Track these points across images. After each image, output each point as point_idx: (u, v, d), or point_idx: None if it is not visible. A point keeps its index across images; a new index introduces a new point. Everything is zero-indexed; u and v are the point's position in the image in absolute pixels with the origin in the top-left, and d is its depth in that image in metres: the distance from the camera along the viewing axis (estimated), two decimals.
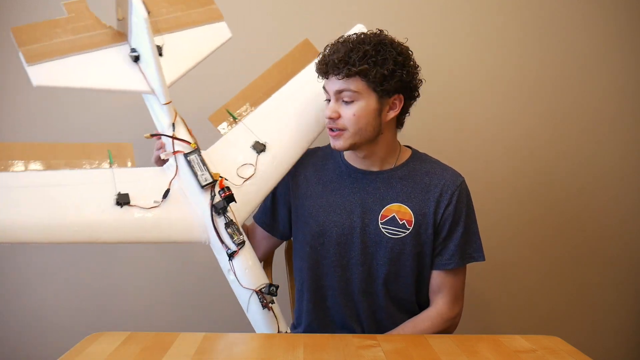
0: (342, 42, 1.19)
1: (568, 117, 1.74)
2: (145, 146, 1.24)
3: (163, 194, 1.16)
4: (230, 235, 1.16)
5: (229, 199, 1.16)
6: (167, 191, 1.16)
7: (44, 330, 1.70)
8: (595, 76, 1.74)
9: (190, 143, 1.19)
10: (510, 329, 1.76)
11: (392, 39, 1.19)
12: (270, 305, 1.16)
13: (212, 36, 1.30)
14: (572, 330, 1.79)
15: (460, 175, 1.26)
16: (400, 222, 1.22)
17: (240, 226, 1.17)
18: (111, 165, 1.17)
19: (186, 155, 1.17)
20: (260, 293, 1.15)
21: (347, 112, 1.17)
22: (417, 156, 1.29)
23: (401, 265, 1.23)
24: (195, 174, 1.16)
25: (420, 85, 1.23)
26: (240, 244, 1.16)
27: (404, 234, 1.22)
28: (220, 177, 1.18)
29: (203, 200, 1.16)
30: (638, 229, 1.79)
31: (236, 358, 0.96)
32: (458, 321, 1.27)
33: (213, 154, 1.23)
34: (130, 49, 1.21)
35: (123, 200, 1.13)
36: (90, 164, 1.17)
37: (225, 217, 1.16)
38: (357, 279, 1.24)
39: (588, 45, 1.72)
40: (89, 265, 1.70)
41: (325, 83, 1.21)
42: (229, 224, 1.16)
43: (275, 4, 1.67)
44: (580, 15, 1.71)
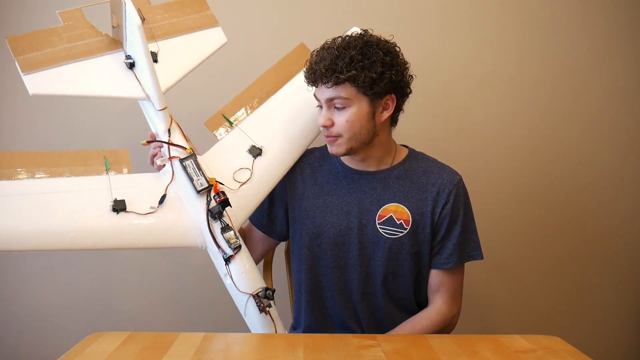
0: (327, 48, 1.17)
1: (568, 117, 1.74)
2: (142, 151, 1.24)
3: (159, 199, 1.16)
4: (227, 240, 1.15)
5: (224, 203, 1.15)
6: (164, 197, 1.16)
7: (44, 330, 1.71)
8: (595, 76, 1.74)
9: (186, 148, 1.19)
10: (510, 329, 1.76)
11: (377, 39, 1.18)
12: (268, 309, 1.16)
13: (207, 41, 1.31)
14: (572, 330, 1.79)
15: (458, 173, 1.26)
16: (398, 222, 1.22)
17: (236, 230, 1.18)
18: (107, 171, 1.18)
19: (182, 160, 1.17)
20: (257, 297, 1.15)
21: (340, 119, 1.16)
22: (414, 155, 1.29)
23: (399, 265, 1.23)
24: (191, 179, 1.16)
25: (412, 82, 1.22)
26: (237, 248, 1.16)
27: (401, 234, 1.22)
28: (217, 181, 1.18)
29: (199, 205, 1.16)
30: (638, 229, 1.79)
31: (236, 358, 0.96)
32: (457, 320, 1.27)
33: (209, 158, 1.23)
34: (126, 56, 1.22)
35: (119, 206, 1.13)
36: (86, 170, 1.17)
37: (221, 221, 1.16)
38: (355, 280, 1.24)
39: (588, 45, 1.73)
40: (89, 266, 1.70)
41: (315, 91, 1.20)
42: (225, 228, 1.16)
43: (271, 7, 1.67)
44: (580, 15, 1.71)
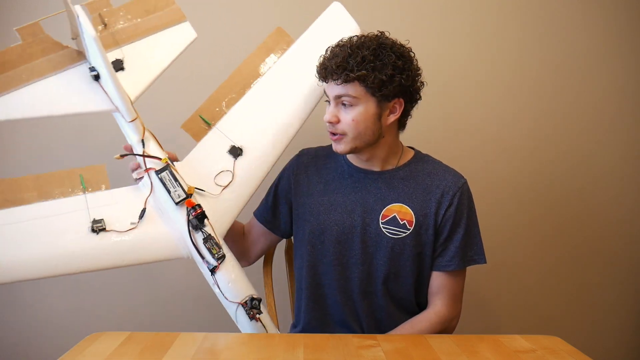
0: (341, 46, 1.18)
1: (568, 117, 1.74)
2: (122, 162, 1.19)
3: (139, 214, 1.14)
4: (209, 250, 1.14)
5: (201, 216, 1.13)
6: (144, 210, 1.14)
7: (44, 330, 1.70)
8: (595, 76, 1.74)
9: (161, 159, 1.16)
10: (510, 329, 1.76)
11: (392, 42, 1.18)
12: (258, 316, 1.16)
13: (176, 39, 1.24)
14: (572, 330, 1.79)
15: (463, 177, 1.26)
16: (401, 222, 1.22)
17: (219, 239, 1.15)
18: (84, 190, 1.14)
19: (157, 172, 1.15)
20: (245, 305, 1.16)
21: (346, 117, 1.17)
22: (420, 157, 1.29)
23: (401, 266, 1.23)
24: (168, 191, 1.14)
25: (422, 88, 1.23)
26: (221, 258, 1.15)
27: (404, 234, 1.22)
28: (196, 189, 1.16)
29: (180, 217, 1.14)
30: (638, 229, 1.79)
31: (236, 358, 0.96)
32: (456, 324, 1.26)
33: (188, 164, 1.21)
34: (89, 68, 1.16)
35: (98, 226, 1.11)
36: (63, 192, 1.13)
37: (202, 232, 1.14)
38: (357, 278, 1.24)
39: (588, 45, 1.73)
40: None
41: (325, 87, 1.21)
42: (207, 238, 1.14)
43: None
44: (580, 15, 1.71)
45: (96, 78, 1.15)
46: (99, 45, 1.11)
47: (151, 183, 1.15)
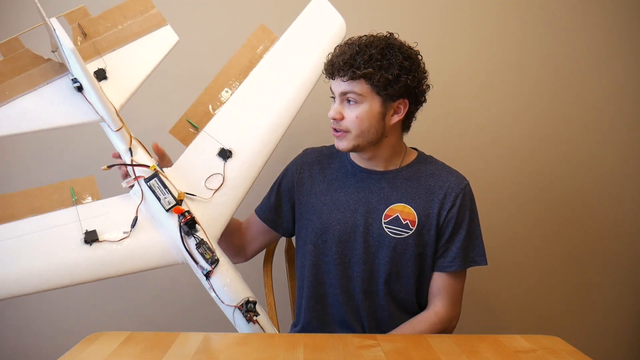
0: (349, 44, 1.19)
1: (568, 118, 1.74)
2: (111, 171, 1.18)
3: (131, 223, 1.13)
4: (202, 255, 1.14)
5: (191, 222, 1.13)
6: (135, 219, 1.14)
7: (44, 330, 1.70)
8: (595, 76, 1.74)
9: (149, 166, 1.16)
10: (510, 329, 1.76)
11: (401, 43, 1.19)
12: (255, 318, 1.16)
13: (158, 44, 1.23)
14: (572, 330, 1.79)
15: (465, 178, 1.26)
16: (404, 222, 1.22)
17: (212, 244, 1.15)
18: (75, 202, 1.13)
19: (146, 180, 1.15)
20: (242, 308, 1.16)
21: (350, 114, 1.18)
22: (423, 158, 1.30)
23: (403, 266, 1.23)
24: (158, 198, 1.14)
25: (428, 91, 1.23)
26: (214, 263, 1.15)
27: (406, 234, 1.22)
28: (187, 194, 1.16)
29: (171, 223, 1.14)
30: (638, 229, 1.79)
31: (236, 358, 0.96)
32: (455, 324, 1.27)
33: (178, 169, 1.20)
34: (72, 79, 1.14)
35: (91, 238, 1.11)
36: (53, 206, 1.12)
37: (195, 237, 1.14)
38: (359, 278, 1.24)
39: (588, 45, 1.72)
40: None
41: (331, 83, 1.21)
42: (200, 243, 1.14)
43: None
44: (580, 15, 1.71)
45: (79, 89, 1.14)
46: (77, 56, 1.10)
47: (142, 191, 1.15)
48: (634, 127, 1.76)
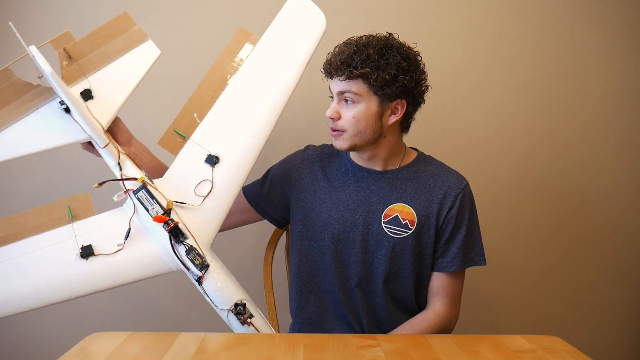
0: (348, 43, 1.20)
1: (565, 116, 1.74)
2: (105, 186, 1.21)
3: (125, 234, 1.17)
4: (192, 261, 1.16)
5: (175, 229, 1.16)
6: (129, 231, 1.17)
7: (44, 330, 1.70)
8: (593, 75, 1.74)
9: (137, 178, 1.19)
10: (510, 329, 1.76)
11: (400, 44, 1.19)
12: (250, 320, 1.17)
13: (140, 59, 1.26)
14: (572, 330, 1.79)
15: (465, 179, 1.26)
16: (403, 222, 1.22)
17: (202, 249, 1.17)
18: (71, 219, 1.17)
19: (134, 192, 1.18)
20: (233, 311, 1.17)
21: (347, 114, 1.18)
22: (422, 158, 1.30)
23: (401, 265, 1.23)
24: (146, 209, 1.17)
25: (427, 92, 1.23)
26: (205, 268, 1.17)
27: (406, 234, 1.22)
28: (176, 202, 1.18)
29: (162, 232, 1.17)
30: (637, 227, 1.79)
31: (236, 358, 0.96)
32: (454, 324, 1.27)
33: (168, 179, 1.22)
34: (59, 102, 1.19)
35: (87, 252, 1.14)
36: (51, 225, 1.17)
37: (184, 244, 1.16)
38: (357, 277, 1.24)
39: (586, 45, 1.73)
40: None
41: (330, 83, 1.22)
42: (189, 250, 1.17)
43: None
44: (580, 14, 1.71)
45: (67, 111, 1.19)
46: (57, 79, 1.14)
47: (134, 203, 1.18)
48: (632, 126, 1.76)
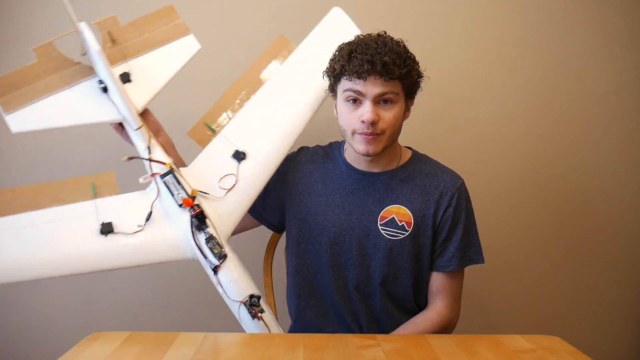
0: (375, 42, 1.14)
1: (566, 116, 1.74)
2: (130, 167, 1.24)
3: (146, 217, 1.18)
4: (211, 250, 1.17)
5: (199, 216, 1.18)
6: (150, 214, 1.19)
7: (44, 330, 1.70)
8: (594, 74, 1.73)
9: (166, 163, 1.21)
10: (510, 329, 1.76)
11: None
12: (260, 315, 1.18)
13: (180, 51, 1.30)
14: (572, 330, 1.79)
15: (460, 177, 1.26)
16: (400, 224, 1.22)
17: (221, 240, 1.19)
18: (94, 196, 1.20)
19: (162, 176, 1.20)
20: (246, 304, 1.17)
21: (387, 115, 1.15)
22: (417, 158, 1.29)
23: (399, 267, 1.23)
24: (172, 194, 1.19)
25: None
26: (223, 257, 1.18)
27: (403, 236, 1.22)
28: (200, 192, 1.20)
29: (184, 218, 1.18)
30: (638, 228, 1.79)
31: (236, 358, 0.96)
32: (455, 323, 1.27)
33: (194, 169, 1.25)
34: (98, 81, 1.23)
35: (106, 229, 1.16)
36: (74, 198, 1.20)
37: (205, 232, 1.18)
38: (354, 280, 1.24)
39: (587, 45, 1.72)
40: None
41: (353, 84, 1.14)
42: (209, 239, 1.18)
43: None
44: (580, 14, 1.71)
45: (104, 90, 1.22)
46: (103, 58, 1.19)
47: (157, 187, 1.20)
48: (634, 126, 1.76)
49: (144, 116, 1.26)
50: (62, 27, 1.25)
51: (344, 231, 1.23)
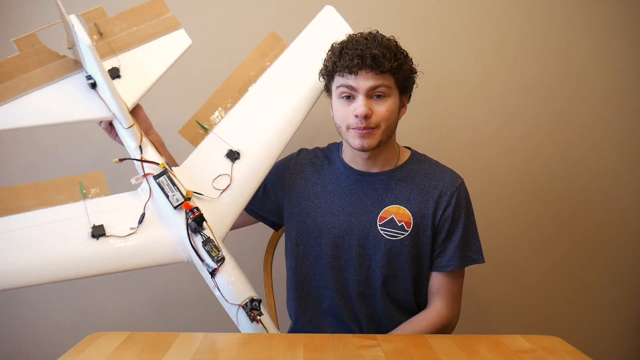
0: (367, 39, 1.15)
1: (566, 116, 1.74)
2: (118, 167, 1.20)
3: (139, 219, 1.15)
4: (209, 253, 1.15)
5: (199, 219, 1.14)
6: (143, 215, 1.15)
7: (44, 330, 1.70)
8: (594, 75, 1.74)
9: (159, 164, 1.17)
10: (510, 329, 1.76)
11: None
12: (259, 317, 1.16)
13: (171, 46, 1.26)
14: (572, 330, 1.79)
15: (460, 176, 1.26)
16: (399, 224, 1.22)
17: (218, 242, 1.16)
18: (84, 197, 1.15)
19: (155, 177, 1.16)
20: (246, 307, 1.16)
21: (380, 109, 1.15)
22: (416, 157, 1.29)
23: (399, 267, 1.23)
24: (166, 195, 1.15)
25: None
26: (220, 261, 1.15)
27: (402, 236, 1.22)
28: (194, 193, 1.17)
29: (179, 220, 1.15)
30: (638, 228, 1.79)
31: (236, 358, 0.96)
32: (455, 323, 1.27)
33: (186, 169, 1.22)
34: (86, 76, 1.18)
35: (98, 232, 1.12)
36: (62, 200, 1.14)
37: (201, 235, 1.15)
38: (355, 281, 1.24)
39: (586, 45, 1.73)
40: None
41: (345, 80, 1.15)
42: (206, 241, 1.15)
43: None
44: (580, 15, 1.71)
45: (93, 86, 1.17)
46: (94, 53, 1.12)
47: (150, 188, 1.17)
48: (633, 126, 1.76)
49: (134, 113, 1.21)
50: (42, 17, 1.18)
51: (344, 232, 1.23)
